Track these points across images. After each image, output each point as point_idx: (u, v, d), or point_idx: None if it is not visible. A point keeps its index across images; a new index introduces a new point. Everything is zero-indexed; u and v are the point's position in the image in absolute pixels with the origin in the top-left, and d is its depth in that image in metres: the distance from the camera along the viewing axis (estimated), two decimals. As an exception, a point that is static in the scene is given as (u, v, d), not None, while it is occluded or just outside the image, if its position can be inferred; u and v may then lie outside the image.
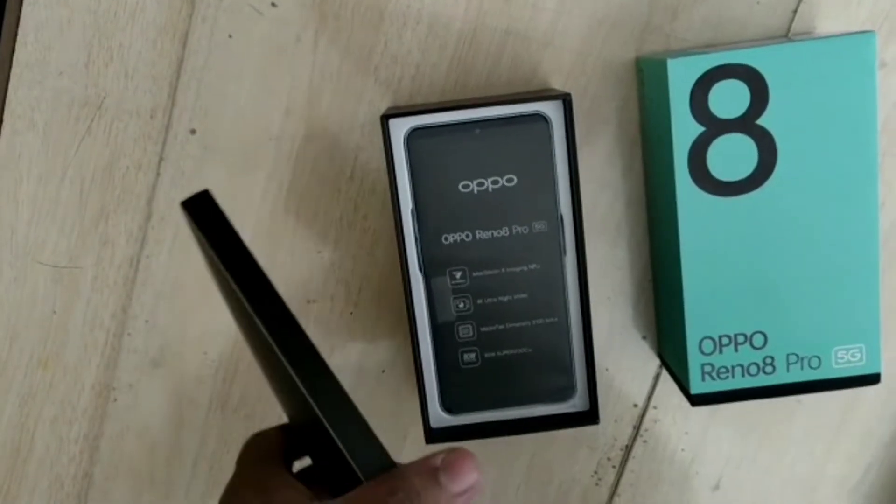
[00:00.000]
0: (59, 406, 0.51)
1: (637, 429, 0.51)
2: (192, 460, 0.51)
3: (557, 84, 0.47)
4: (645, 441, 0.51)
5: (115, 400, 0.50)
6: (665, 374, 0.50)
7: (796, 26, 0.46)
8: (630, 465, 0.52)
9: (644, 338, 0.50)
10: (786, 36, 0.46)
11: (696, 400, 0.43)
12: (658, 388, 0.51)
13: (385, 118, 0.42)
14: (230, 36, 0.46)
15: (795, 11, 0.46)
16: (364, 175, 0.47)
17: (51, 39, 0.46)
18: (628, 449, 0.51)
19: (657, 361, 0.50)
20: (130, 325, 0.49)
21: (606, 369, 0.50)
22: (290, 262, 0.49)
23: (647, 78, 0.45)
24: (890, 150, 0.48)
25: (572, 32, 0.46)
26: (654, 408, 0.51)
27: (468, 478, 0.32)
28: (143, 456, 0.51)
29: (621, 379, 0.50)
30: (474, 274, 0.44)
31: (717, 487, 0.52)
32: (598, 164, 0.48)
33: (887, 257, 0.49)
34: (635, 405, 0.51)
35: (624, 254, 0.49)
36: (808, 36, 0.44)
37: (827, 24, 0.46)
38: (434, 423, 0.46)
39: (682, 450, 0.51)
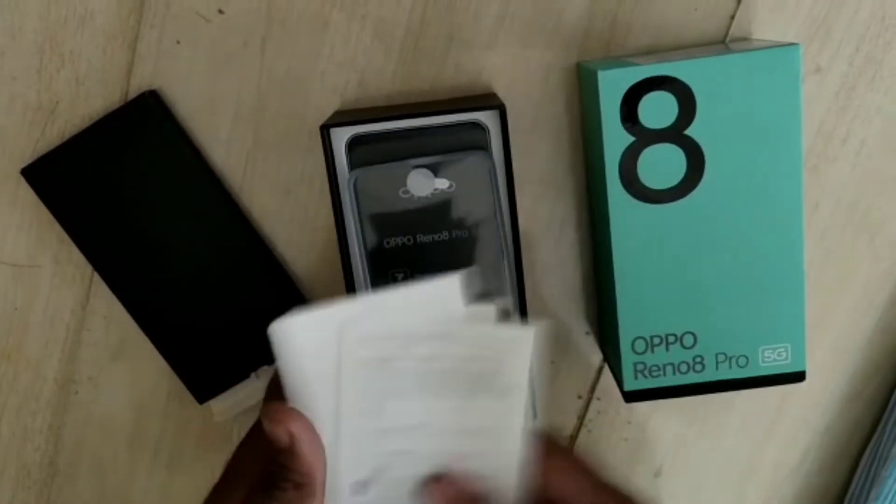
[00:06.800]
0: (22, 397, 0.52)
1: (581, 419, 0.53)
2: (152, 449, 0.53)
3: (501, 88, 0.48)
4: (589, 431, 0.53)
5: (77, 392, 0.52)
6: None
7: (734, 31, 0.47)
8: (575, 453, 0.54)
9: (588, 333, 0.52)
10: (723, 42, 0.47)
11: (629, 397, 0.45)
12: (601, 381, 0.52)
13: (325, 128, 0.43)
14: (178, 42, 0.47)
15: (733, 17, 0.47)
16: (312, 178, 0.49)
17: (3, 45, 0.47)
18: (573, 438, 0.53)
19: (600, 355, 0.52)
20: (89, 321, 0.51)
21: (552, 362, 0.52)
22: (243, 261, 0.50)
23: (583, 85, 0.46)
24: (825, 153, 0.49)
25: (514, 39, 0.47)
26: (598, 399, 0.53)
27: None
28: (106, 445, 0.53)
29: (566, 371, 0.52)
30: (416, 276, 0.46)
31: (658, 474, 0.54)
32: (542, 164, 0.49)
33: (822, 256, 0.50)
34: (579, 397, 0.53)
35: (568, 251, 0.50)
36: (743, 44, 0.45)
37: (764, 29, 0.47)
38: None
39: (625, 439, 0.53)
